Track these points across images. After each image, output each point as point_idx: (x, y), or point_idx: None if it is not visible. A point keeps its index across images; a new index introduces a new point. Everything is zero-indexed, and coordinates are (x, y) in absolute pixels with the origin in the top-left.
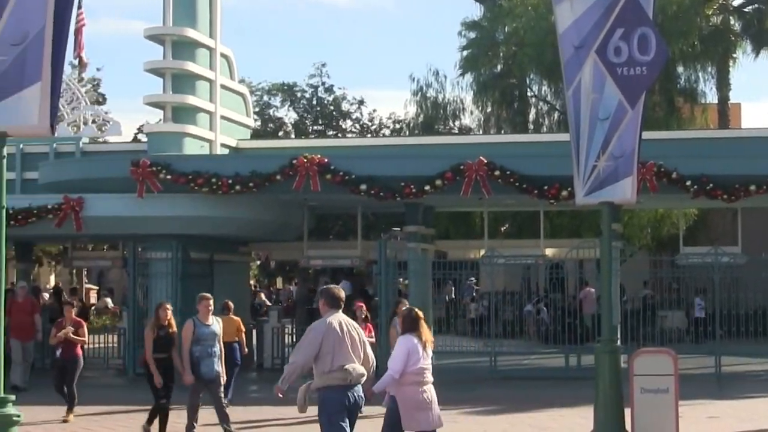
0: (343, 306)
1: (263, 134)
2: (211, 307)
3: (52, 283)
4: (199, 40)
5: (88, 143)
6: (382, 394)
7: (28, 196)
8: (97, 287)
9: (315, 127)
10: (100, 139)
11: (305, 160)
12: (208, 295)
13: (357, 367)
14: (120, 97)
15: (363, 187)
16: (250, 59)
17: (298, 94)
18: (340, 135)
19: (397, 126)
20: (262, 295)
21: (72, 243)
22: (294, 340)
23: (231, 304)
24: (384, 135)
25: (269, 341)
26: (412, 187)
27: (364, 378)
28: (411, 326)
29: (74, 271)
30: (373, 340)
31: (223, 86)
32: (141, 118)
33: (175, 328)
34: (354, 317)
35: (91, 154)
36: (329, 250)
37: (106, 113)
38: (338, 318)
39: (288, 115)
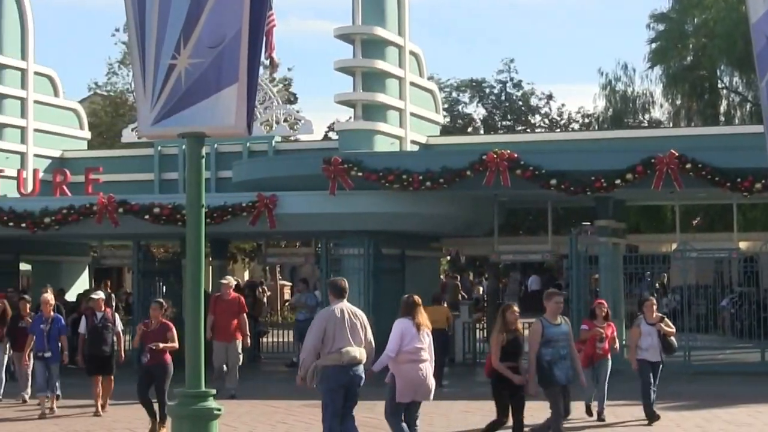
0: (346, 296)
1: (452, 130)
2: (561, 305)
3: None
4: (389, 39)
5: (280, 142)
6: (384, 372)
7: (223, 194)
8: (290, 283)
9: (504, 123)
10: (292, 138)
11: (495, 156)
12: (558, 291)
13: (352, 350)
14: (310, 95)
15: (553, 181)
16: (439, 56)
17: (487, 90)
18: (529, 130)
19: (586, 120)
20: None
21: (265, 240)
22: (485, 335)
23: (443, 294)
24: (573, 129)
25: (460, 336)
26: (602, 181)
27: (360, 359)
28: (407, 311)
29: (267, 267)
30: (614, 338)
31: (412, 83)
32: (331, 116)
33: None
34: (590, 314)
35: (284, 153)
36: (519, 245)
37: (297, 112)
38: (341, 306)
39: (477, 111)
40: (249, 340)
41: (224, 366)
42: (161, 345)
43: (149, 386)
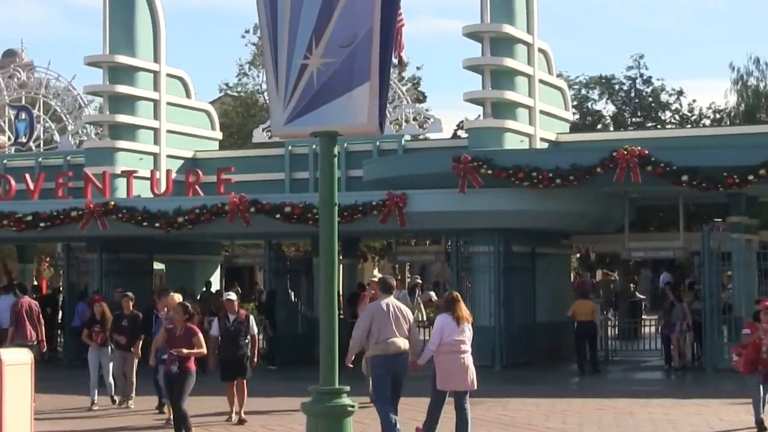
0: (393, 292)
1: (581, 127)
2: None
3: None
4: (517, 36)
5: (409, 140)
6: (428, 363)
7: (353, 193)
8: (419, 281)
9: (633, 119)
10: (422, 136)
11: (625, 153)
12: None
13: (396, 341)
14: (439, 93)
15: (684, 178)
16: (568, 53)
17: (616, 87)
18: (659, 126)
19: (718, 116)
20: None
21: (395, 238)
22: (617, 332)
23: (588, 286)
24: (704, 125)
25: None
26: (734, 177)
27: (405, 349)
28: (447, 306)
29: (397, 265)
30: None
31: (541, 81)
32: (460, 115)
33: None
34: (754, 316)
35: (413, 151)
36: (651, 242)
37: (426, 111)
38: (387, 301)
39: (606, 107)
40: None
41: None
42: (185, 351)
43: (169, 394)
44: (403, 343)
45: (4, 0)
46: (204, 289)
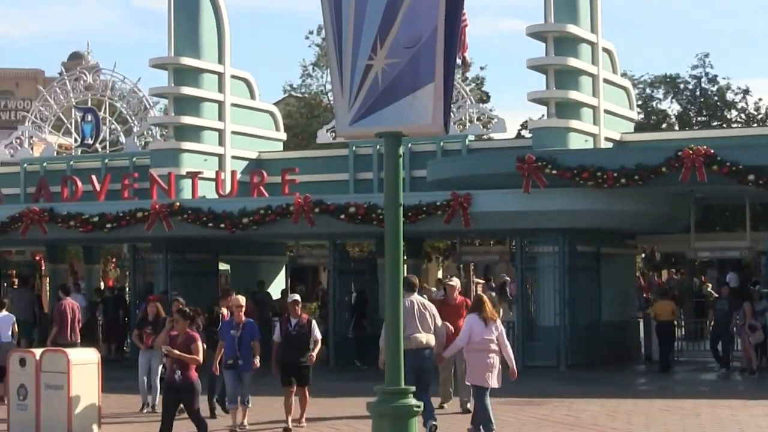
0: (417, 289)
1: (646, 127)
2: None
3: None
4: (581, 36)
5: (473, 140)
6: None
7: (418, 193)
8: (482, 281)
9: (699, 119)
10: (485, 136)
11: (691, 152)
12: None
13: (420, 336)
14: (502, 93)
15: (751, 177)
16: (632, 52)
17: (681, 86)
18: (724, 125)
19: None
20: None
21: (459, 238)
22: (683, 333)
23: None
24: None
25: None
26: None
27: (428, 344)
28: (475, 307)
29: (461, 265)
30: None
31: (605, 80)
32: (524, 114)
33: None
34: None
35: (477, 151)
36: (717, 242)
37: (490, 111)
38: (411, 299)
39: (671, 107)
40: None
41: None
42: (176, 352)
43: (177, 405)
44: (426, 338)
45: (71, 4)
46: (258, 289)
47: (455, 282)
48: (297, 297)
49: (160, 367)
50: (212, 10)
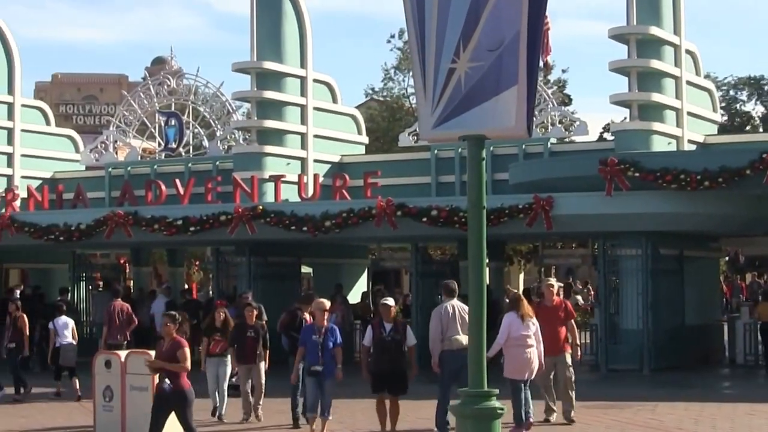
0: (456, 295)
1: (730, 129)
2: None
3: (521, 283)
4: (664, 38)
5: (555, 143)
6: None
7: (500, 196)
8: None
9: None
10: (567, 139)
11: None
12: None
13: (459, 338)
14: (585, 96)
15: None
16: (716, 54)
17: (766, 88)
18: None
19: None
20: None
21: (542, 241)
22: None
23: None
24: None
25: (741, 337)
26: None
27: (465, 345)
28: (512, 306)
29: (543, 268)
30: None
31: (688, 82)
32: (606, 117)
33: None
34: None
35: (559, 154)
36: None
37: (572, 113)
38: (452, 303)
39: (755, 108)
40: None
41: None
42: (158, 363)
43: (166, 417)
44: (465, 340)
45: (155, 10)
46: (335, 292)
47: (553, 282)
48: (391, 300)
49: (228, 373)
50: (294, 15)
